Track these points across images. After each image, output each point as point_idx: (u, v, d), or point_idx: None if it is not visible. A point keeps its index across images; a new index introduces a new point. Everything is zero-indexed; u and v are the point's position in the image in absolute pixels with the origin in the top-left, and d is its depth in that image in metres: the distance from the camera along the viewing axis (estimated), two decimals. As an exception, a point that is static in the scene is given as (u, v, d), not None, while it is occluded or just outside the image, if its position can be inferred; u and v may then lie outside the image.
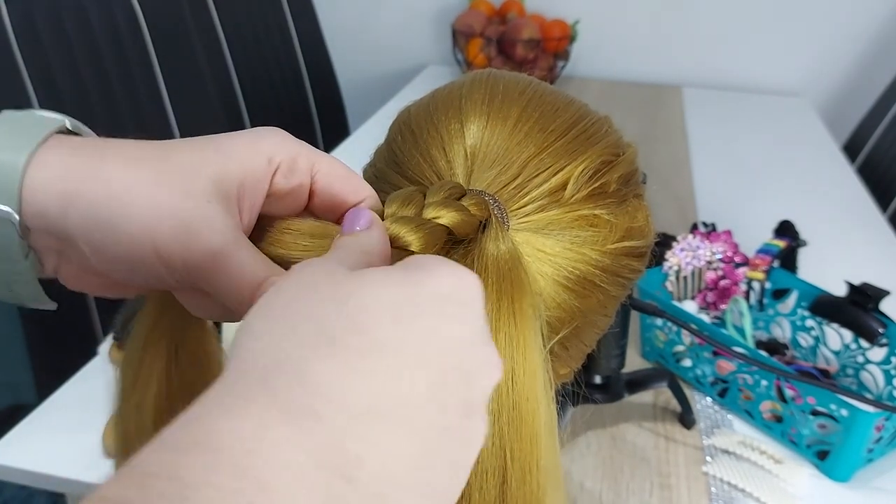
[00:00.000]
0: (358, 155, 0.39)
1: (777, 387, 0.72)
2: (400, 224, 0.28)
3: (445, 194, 0.30)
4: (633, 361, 0.84)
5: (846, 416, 0.66)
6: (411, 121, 0.37)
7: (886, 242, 1.18)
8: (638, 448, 0.73)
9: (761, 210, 1.17)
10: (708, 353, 0.78)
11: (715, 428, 0.76)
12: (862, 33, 1.79)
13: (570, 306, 0.34)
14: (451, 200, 0.30)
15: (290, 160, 0.30)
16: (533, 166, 0.33)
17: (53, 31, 1.17)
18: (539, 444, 0.28)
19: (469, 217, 0.30)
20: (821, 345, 0.83)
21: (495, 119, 0.35)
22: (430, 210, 0.29)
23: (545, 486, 0.28)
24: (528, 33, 1.67)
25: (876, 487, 0.70)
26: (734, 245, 0.90)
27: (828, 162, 1.48)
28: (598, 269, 0.34)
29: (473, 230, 0.30)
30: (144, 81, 1.33)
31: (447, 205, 0.29)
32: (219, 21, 1.54)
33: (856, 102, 1.80)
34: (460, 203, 0.30)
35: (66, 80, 1.18)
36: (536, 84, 0.37)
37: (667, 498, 0.67)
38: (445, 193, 0.30)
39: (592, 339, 0.38)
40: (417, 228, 0.28)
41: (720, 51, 1.87)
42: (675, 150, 1.48)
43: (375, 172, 0.37)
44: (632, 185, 0.37)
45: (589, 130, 0.35)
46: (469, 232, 0.30)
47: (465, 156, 0.34)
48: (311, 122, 1.82)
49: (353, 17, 2.00)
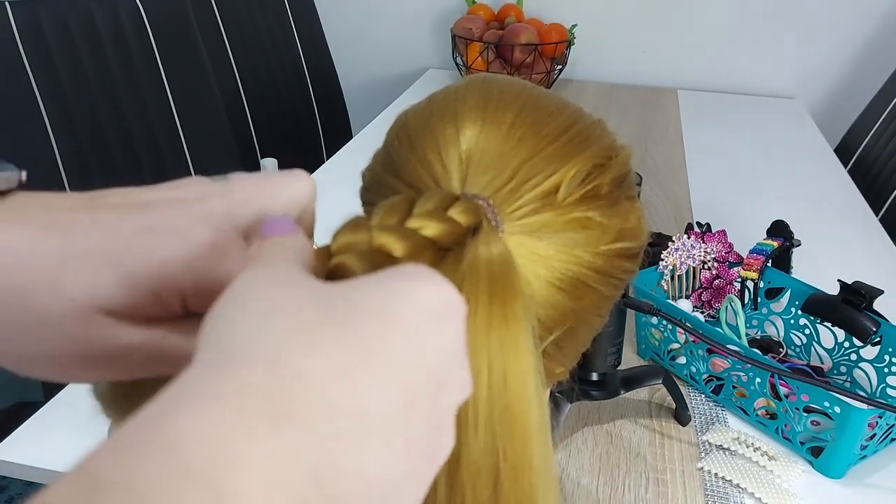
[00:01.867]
0: (359, 157, 0.39)
1: (771, 384, 0.73)
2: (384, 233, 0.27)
3: (434, 204, 0.30)
4: (628, 359, 0.85)
5: (839, 413, 0.67)
6: (408, 125, 0.37)
7: (878, 242, 1.19)
8: (634, 444, 0.74)
9: (755, 210, 1.18)
10: (702, 351, 0.79)
11: (710, 424, 0.77)
12: (855, 36, 1.81)
13: (564, 307, 0.34)
14: (438, 211, 0.29)
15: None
16: (526, 170, 0.34)
17: (58, 32, 1.18)
18: (531, 444, 0.28)
19: (455, 227, 0.29)
20: (814, 343, 0.84)
21: (490, 124, 0.35)
22: (415, 220, 0.28)
23: (537, 485, 0.28)
24: (526, 37, 1.69)
25: (869, 484, 0.70)
26: (728, 245, 0.91)
27: (821, 163, 1.49)
28: (592, 271, 0.35)
29: (460, 239, 0.29)
30: (149, 84, 1.34)
31: (433, 216, 0.29)
32: (223, 24, 1.55)
33: (848, 105, 1.81)
34: (446, 215, 0.29)
35: (71, 82, 1.19)
36: (531, 88, 0.38)
37: (662, 493, 0.68)
38: (434, 203, 0.30)
39: (587, 338, 0.39)
40: (401, 238, 0.27)
41: (715, 54, 1.88)
42: (671, 151, 1.50)
43: (373, 176, 0.38)
44: (624, 188, 0.37)
45: (582, 134, 0.36)
46: (455, 241, 0.29)
47: (460, 160, 0.34)
48: (314, 124, 1.83)
49: (355, 21, 2.02)
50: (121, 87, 1.28)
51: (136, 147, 1.31)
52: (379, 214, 0.29)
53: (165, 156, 1.37)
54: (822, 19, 1.80)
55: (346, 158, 1.40)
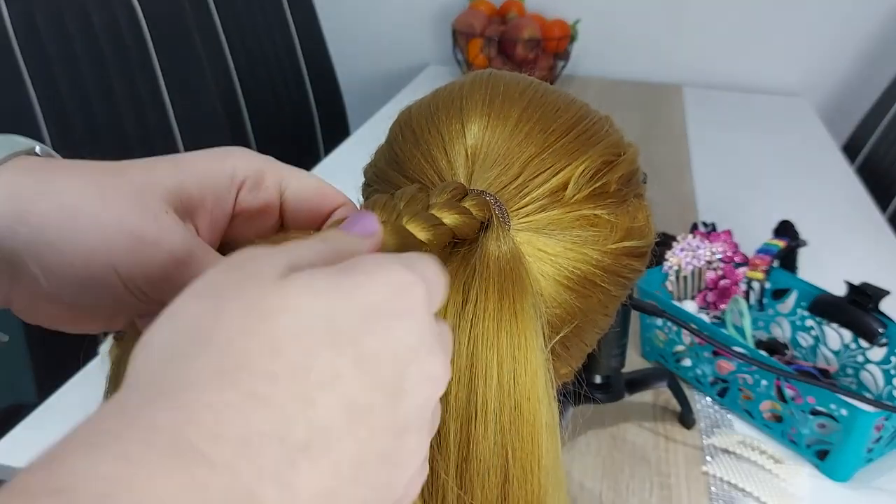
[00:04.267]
0: (359, 155, 0.39)
1: (777, 386, 0.72)
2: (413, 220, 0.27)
3: (448, 196, 0.30)
4: (633, 361, 0.84)
5: (846, 415, 0.66)
6: (412, 121, 0.37)
7: (886, 242, 1.18)
8: (638, 447, 0.73)
9: (761, 210, 1.17)
10: (708, 353, 0.78)
11: (715, 428, 0.76)
12: (862, 33, 1.79)
13: (571, 306, 0.34)
14: (454, 202, 0.30)
15: (255, 176, 0.29)
16: (534, 166, 0.33)
17: (54, 30, 1.17)
18: (540, 443, 0.28)
19: (471, 219, 0.30)
20: (820, 345, 0.83)
21: (496, 119, 0.35)
22: (434, 211, 0.29)
23: (546, 484, 0.28)
24: (528, 33, 1.68)
25: (876, 487, 0.70)
26: (734, 245, 0.90)
27: (827, 162, 1.48)
28: (599, 269, 0.34)
29: (474, 231, 0.30)
30: (145, 81, 1.33)
31: (450, 206, 0.29)
32: (219, 20, 1.54)
33: (856, 102, 1.80)
34: (462, 205, 0.30)
35: (67, 80, 1.18)
36: (537, 84, 0.37)
37: (666, 497, 0.67)
38: (448, 195, 0.30)
39: (593, 338, 0.38)
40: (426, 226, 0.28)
41: (721, 50, 1.87)
42: (676, 149, 1.49)
43: (376, 172, 0.37)
44: (632, 185, 0.37)
45: (590, 130, 0.36)
46: (470, 233, 0.30)
47: (466, 156, 0.34)
48: (312, 121, 1.82)
49: (353, 16, 2.00)
50: (116, 83, 1.27)
51: (131, 143, 1.30)
52: (403, 199, 0.29)
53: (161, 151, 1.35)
54: (828, 16, 1.79)
55: (344, 156, 1.39)
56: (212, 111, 1.48)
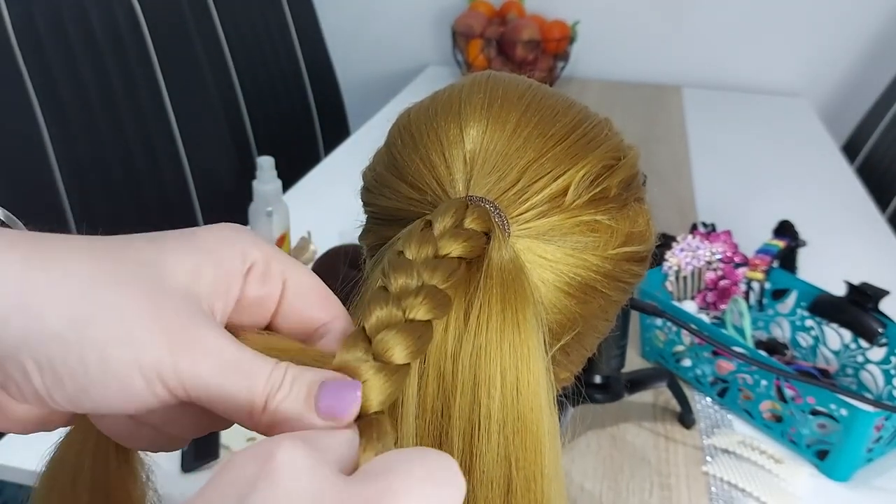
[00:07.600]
0: (358, 156, 0.39)
1: (777, 387, 0.72)
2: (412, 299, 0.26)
3: (451, 220, 0.29)
4: (633, 361, 0.84)
5: (846, 415, 0.67)
6: (411, 125, 0.36)
7: (886, 242, 1.18)
8: (638, 448, 0.73)
9: (761, 210, 1.17)
10: (708, 353, 0.78)
11: (715, 428, 0.76)
12: (861, 33, 1.79)
13: (572, 312, 0.34)
14: (458, 229, 0.29)
15: (264, 263, 0.27)
16: (533, 171, 0.33)
17: (54, 31, 1.17)
18: (543, 452, 0.28)
19: (478, 239, 0.29)
20: (820, 345, 0.83)
21: (494, 124, 0.34)
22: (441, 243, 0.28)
23: (549, 494, 0.28)
24: (527, 34, 1.68)
25: (876, 487, 0.70)
26: (734, 245, 0.90)
27: (827, 162, 1.48)
28: (600, 275, 0.34)
29: (480, 250, 0.29)
30: (145, 81, 1.33)
31: (456, 236, 0.29)
32: (219, 21, 1.54)
33: (855, 103, 1.80)
34: (467, 230, 0.29)
35: (67, 80, 1.18)
36: (536, 87, 0.37)
37: (667, 498, 0.67)
38: (451, 220, 0.29)
39: (593, 343, 0.38)
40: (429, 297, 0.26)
41: (720, 51, 1.87)
42: (675, 150, 1.49)
43: (375, 176, 0.37)
44: (633, 190, 0.36)
45: (589, 134, 0.35)
46: (479, 252, 0.29)
47: (465, 161, 0.34)
48: (312, 122, 1.82)
49: (353, 17, 2.00)
50: (116, 84, 1.27)
51: (130, 145, 1.30)
52: (399, 279, 0.27)
53: (160, 153, 1.36)
54: (828, 16, 1.79)
55: (344, 157, 1.39)
56: (211, 111, 1.48)
